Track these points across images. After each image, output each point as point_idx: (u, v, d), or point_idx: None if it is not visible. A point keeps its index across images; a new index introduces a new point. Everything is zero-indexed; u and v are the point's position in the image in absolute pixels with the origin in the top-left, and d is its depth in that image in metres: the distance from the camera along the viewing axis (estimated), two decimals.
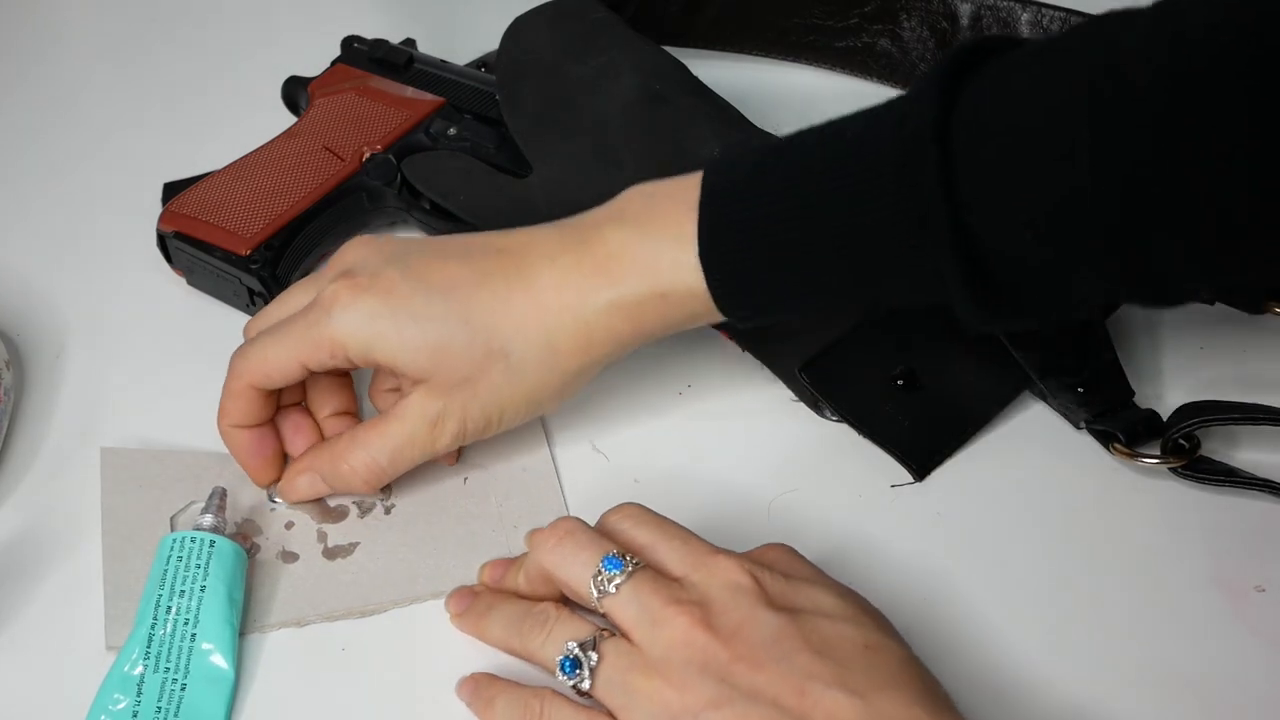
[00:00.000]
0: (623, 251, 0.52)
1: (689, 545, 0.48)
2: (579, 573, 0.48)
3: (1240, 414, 0.56)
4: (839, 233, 0.49)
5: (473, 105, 0.69)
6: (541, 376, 0.54)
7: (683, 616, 0.45)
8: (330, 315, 0.52)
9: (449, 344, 0.52)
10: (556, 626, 0.48)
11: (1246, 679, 0.50)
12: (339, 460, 0.54)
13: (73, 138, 0.75)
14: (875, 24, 0.74)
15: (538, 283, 0.53)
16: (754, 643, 0.45)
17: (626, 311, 0.53)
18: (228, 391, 0.55)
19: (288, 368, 0.54)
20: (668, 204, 0.52)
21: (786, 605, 0.46)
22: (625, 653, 0.46)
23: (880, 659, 0.45)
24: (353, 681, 0.51)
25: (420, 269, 0.53)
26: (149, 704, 0.49)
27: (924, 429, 0.58)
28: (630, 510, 0.50)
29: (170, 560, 0.51)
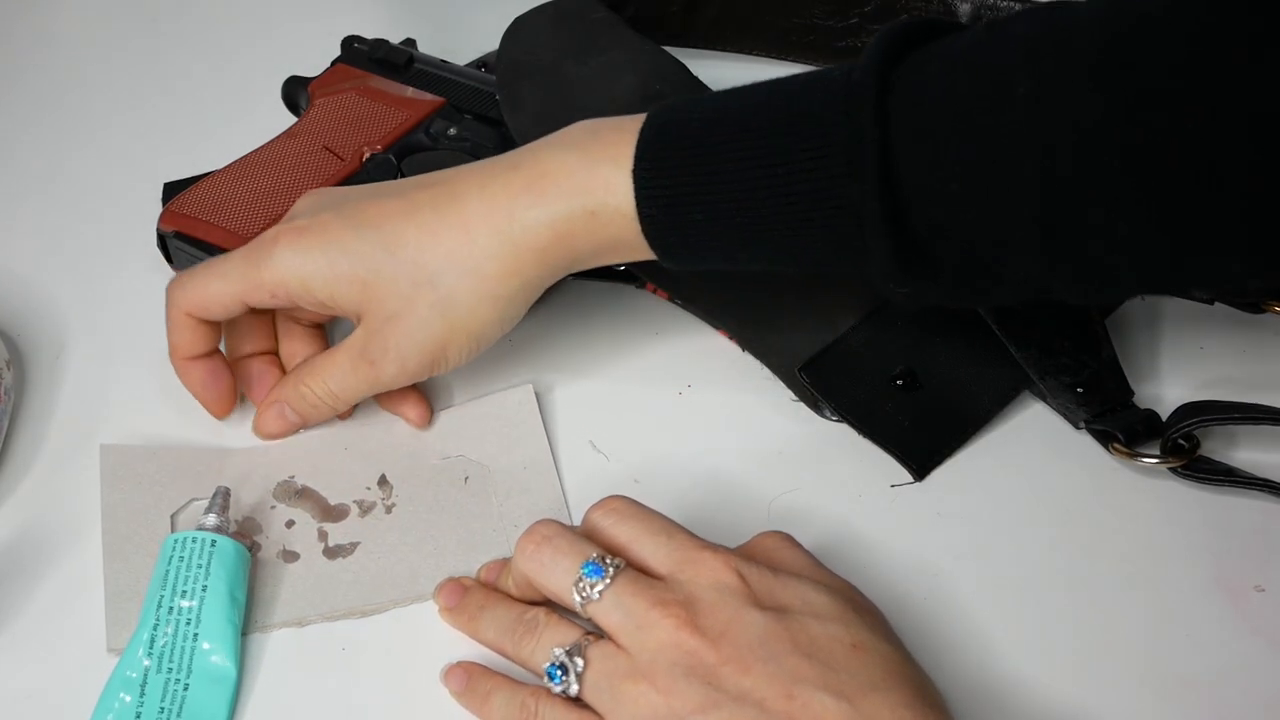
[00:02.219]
0: (556, 170, 0.52)
1: (673, 540, 0.48)
2: (560, 580, 0.47)
3: (1240, 414, 0.56)
4: (771, 168, 0.49)
5: (473, 105, 0.69)
6: (473, 305, 0.54)
7: (668, 619, 0.45)
8: (270, 255, 0.54)
9: (376, 276, 0.53)
10: (545, 632, 0.48)
11: (1246, 679, 0.50)
12: (299, 386, 0.57)
13: (73, 138, 0.75)
14: (875, 24, 0.74)
15: (466, 210, 0.53)
16: (741, 644, 0.44)
17: (554, 229, 0.52)
18: (169, 321, 0.57)
19: (227, 302, 0.55)
20: (610, 132, 0.52)
21: (774, 604, 0.46)
22: (611, 657, 0.46)
23: (869, 660, 0.44)
24: (353, 682, 0.51)
25: (355, 208, 0.54)
26: (152, 704, 0.49)
27: (924, 429, 0.58)
28: (613, 505, 0.50)
29: (172, 560, 0.51)
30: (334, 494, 0.57)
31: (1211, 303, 0.63)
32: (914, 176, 0.48)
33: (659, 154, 0.51)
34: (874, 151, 0.47)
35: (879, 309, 0.61)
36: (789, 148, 0.49)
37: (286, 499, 0.57)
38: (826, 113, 0.49)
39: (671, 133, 0.51)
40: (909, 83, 0.48)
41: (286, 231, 0.54)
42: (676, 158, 0.51)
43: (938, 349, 0.60)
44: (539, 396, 0.60)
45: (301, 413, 0.58)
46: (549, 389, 0.61)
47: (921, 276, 0.50)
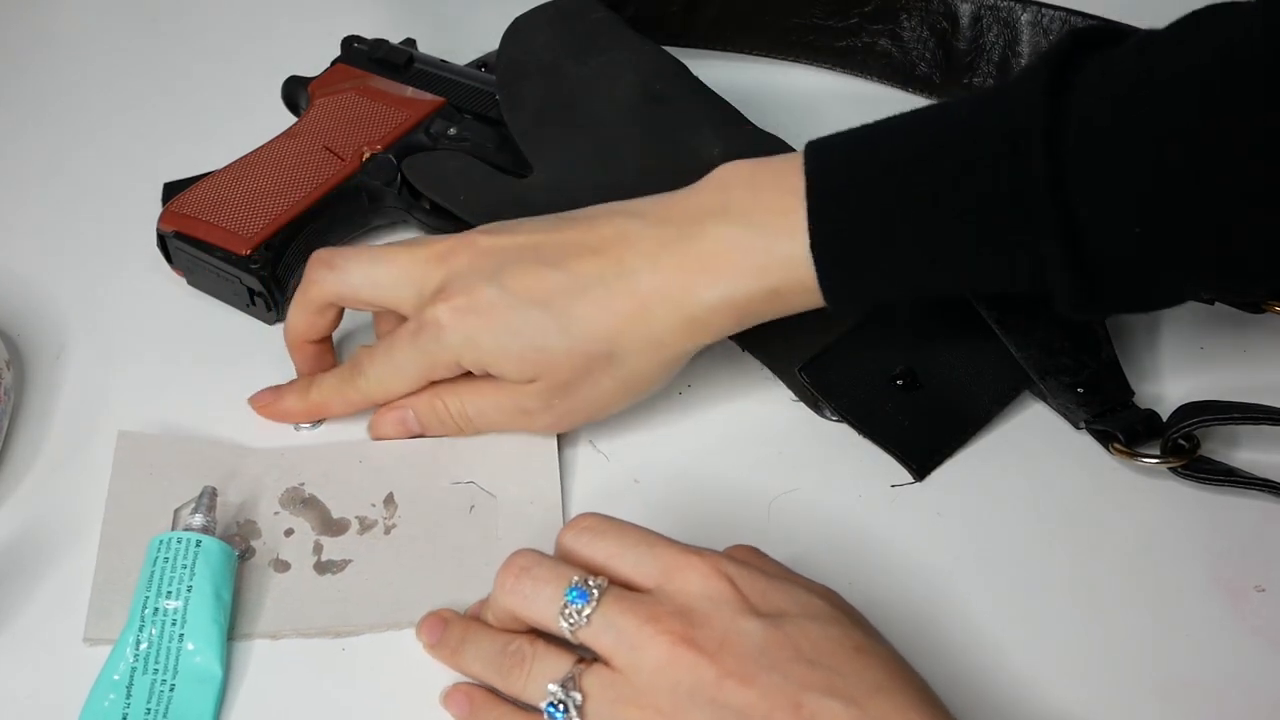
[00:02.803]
0: (730, 249, 0.52)
1: (655, 550, 0.47)
2: (545, 610, 0.46)
3: (1240, 414, 0.56)
4: (946, 224, 0.49)
5: (473, 105, 0.69)
6: (649, 370, 0.55)
7: (663, 635, 0.44)
8: (440, 342, 0.54)
9: (551, 355, 0.53)
10: (534, 665, 0.46)
11: (1246, 679, 0.50)
12: (435, 399, 0.57)
13: (73, 137, 0.75)
14: (875, 24, 0.74)
15: (640, 286, 0.53)
16: (741, 655, 0.43)
17: (735, 308, 0.53)
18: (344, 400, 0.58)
19: (411, 387, 0.57)
20: (772, 194, 0.52)
21: (769, 610, 0.45)
22: (609, 684, 0.45)
23: (871, 661, 0.44)
24: (347, 684, 0.51)
25: (516, 284, 0.53)
26: (139, 705, 0.49)
27: (924, 429, 0.58)
28: (586, 522, 0.48)
29: (157, 561, 0.51)
30: (338, 507, 0.56)
31: (1212, 303, 0.63)
32: (1092, 217, 0.47)
33: (834, 224, 0.50)
34: (1048, 199, 0.47)
35: (879, 308, 0.60)
36: (961, 204, 0.49)
37: (291, 506, 0.56)
38: (996, 159, 0.48)
39: (840, 198, 0.50)
40: (1075, 122, 0.47)
41: (448, 315, 0.54)
42: (852, 227, 0.50)
43: (938, 349, 0.60)
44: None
45: (426, 425, 0.58)
46: None
47: (1104, 305, 0.50)
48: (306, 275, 0.58)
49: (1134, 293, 0.51)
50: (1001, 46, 0.71)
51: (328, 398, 0.58)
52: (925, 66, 0.73)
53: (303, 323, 0.58)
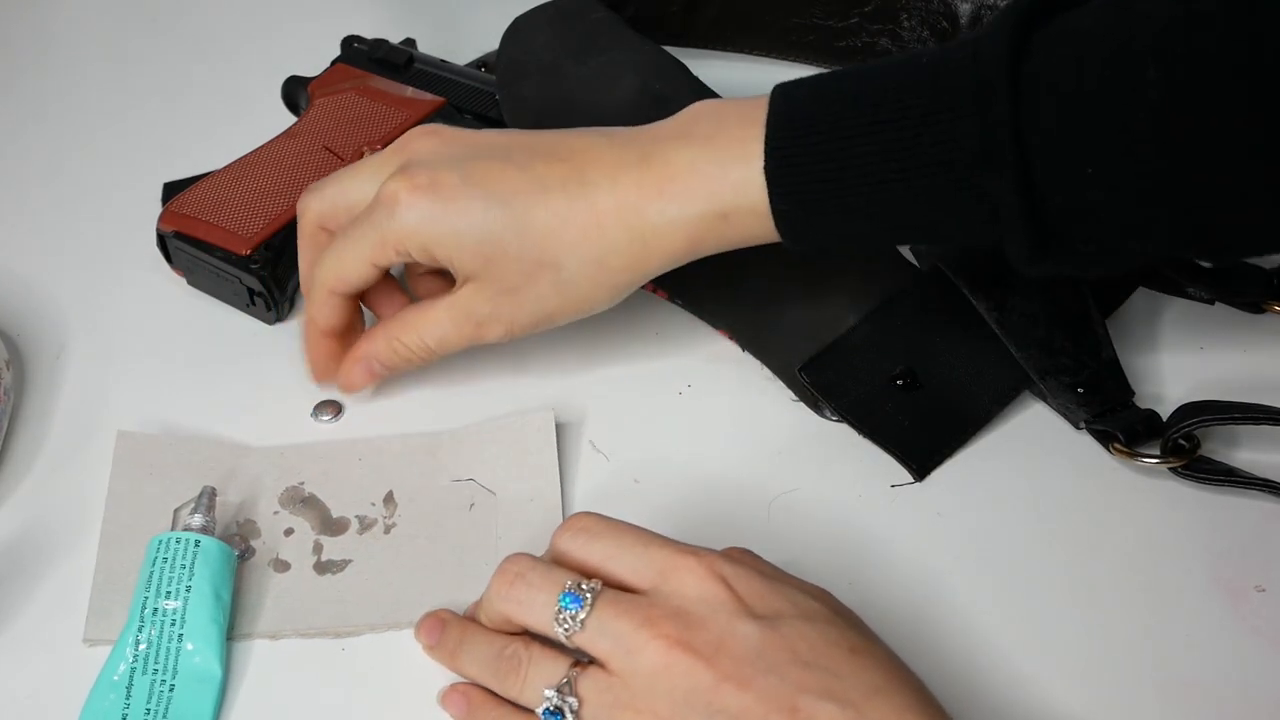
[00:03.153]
0: (688, 170, 0.52)
1: (650, 551, 0.47)
2: (540, 615, 0.46)
3: (1240, 414, 0.56)
4: (904, 158, 0.49)
5: (473, 105, 0.69)
6: (591, 290, 0.55)
7: (658, 639, 0.44)
8: (392, 216, 0.54)
9: (502, 251, 0.54)
10: (530, 670, 0.46)
11: (1246, 679, 0.50)
12: (391, 339, 0.57)
13: (73, 137, 0.75)
14: (875, 24, 0.74)
15: (597, 200, 0.53)
16: (737, 658, 0.43)
17: (685, 230, 0.53)
18: (313, 300, 0.58)
19: (362, 270, 0.56)
20: (736, 123, 0.52)
21: (765, 612, 0.44)
22: (606, 689, 0.45)
23: (867, 662, 0.44)
24: (346, 684, 0.51)
25: (480, 173, 0.54)
26: (138, 705, 0.49)
27: (924, 429, 0.58)
28: (580, 523, 0.48)
29: (156, 562, 0.51)
30: (338, 506, 0.56)
31: (1212, 303, 0.63)
32: (1050, 171, 0.48)
33: (789, 149, 0.51)
34: (1010, 148, 0.47)
35: (879, 309, 0.61)
36: (921, 141, 0.49)
37: (291, 505, 0.56)
38: (959, 103, 0.48)
39: (799, 125, 0.51)
40: (1039, 75, 0.47)
41: (405, 189, 0.54)
42: (808, 153, 0.51)
43: (938, 349, 0.60)
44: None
45: (391, 366, 0.58)
46: (549, 389, 0.61)
47: (1055, 260, 0.50)
48: (297, 211, 0.59)
49: (1086, 251, 0.50)
50: None
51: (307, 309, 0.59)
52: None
53: (308, 262, 0.59)
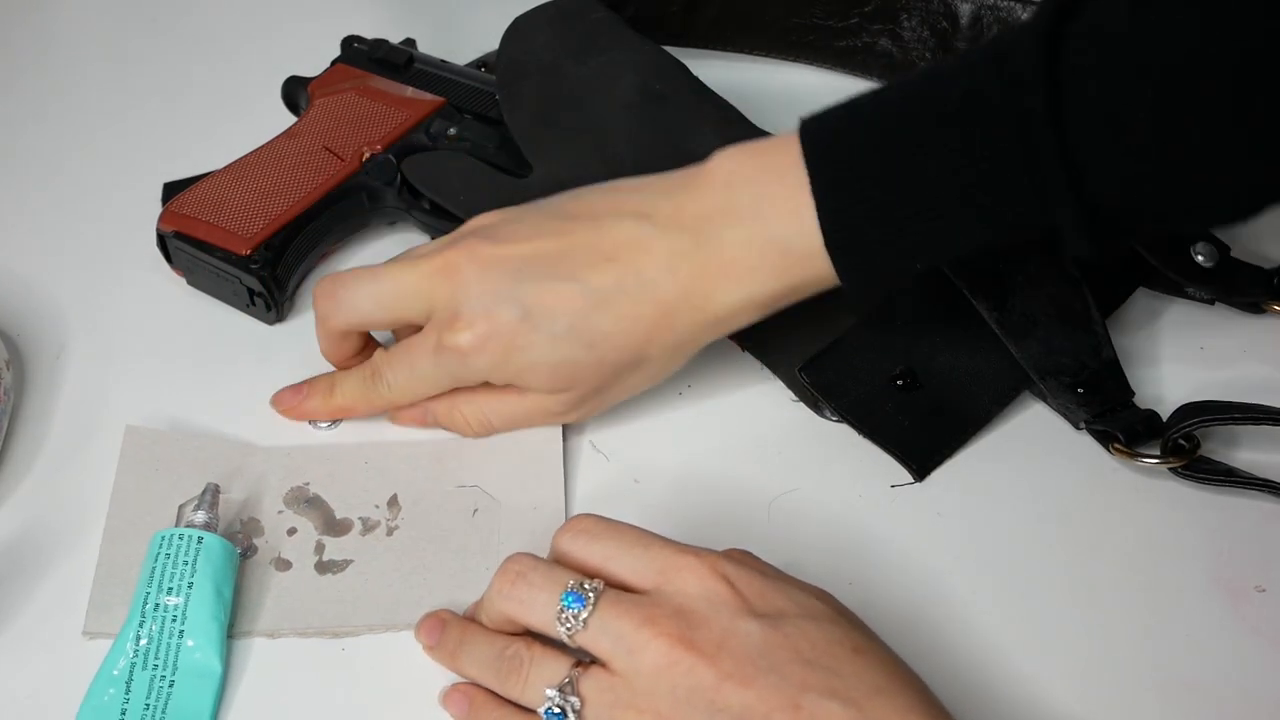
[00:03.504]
0: (746, 253, 0.52)
1: (651, 551, 0.47)
2: (542, 614, 0.46)
3: (1240, 414, 0.56)
4: (961, 202, 0.49)
5: (473, 105, 0.69)
6: (670, 366, 0.56)
7: (660, 638, 0.44)
8: (465, 366, 0.54)
9: (578, 371, 0.54)
10: (531, 670, 0.46)
11: (1247, 679, 0.50)
12: (454, 409, 0.57)
13: (73, 137, 0.75)
14: (875, 24, 0.74)
15: (661, 295, 0.53)
16: (740, 656, 0.43)
17: (755, 307, 0.53)
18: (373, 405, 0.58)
19: (427, 395, 0.57)
20: (777, 187, 0.51)
21: (767, 611, 0.44)
22: (608, 688, 0.44)
23: (870, 662, 0.44)
24: (346, 682, 0.51)
25: (535, 303, 0.53)
26: (138, 700, 0.49)
27: (924, 429, 0.58)
28: (582, 524, 0.48)
29: (159, 558, 0.51)
30: (342, 507, 0.56)
31: (1212, 303, 0.63)
32: (1099, 172, 0.48)
33: (843, 214, 0.50)
34: (1059, 167, 0.47)
35: (879, 309, 0.60)
36: (969, 179, 0.48)
37: (295, 505, 0.56)
38: (1001, 135, 0.48)
39: (846, 189, 0.50)
40: (1078, 81, 0.47)
41: (468, 342, 0.53)
42: (861, 213, 0.50)
43: (938, 349, 0.60)
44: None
45: (446, 425, 0.58)
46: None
47: (1113, 244, 0.51)
48: (316, 310, 0.58)
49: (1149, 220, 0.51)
50: None
51: (352, 401, 0.58)
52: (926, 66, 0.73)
53: (331, 351, 0.59)
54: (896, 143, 0.50)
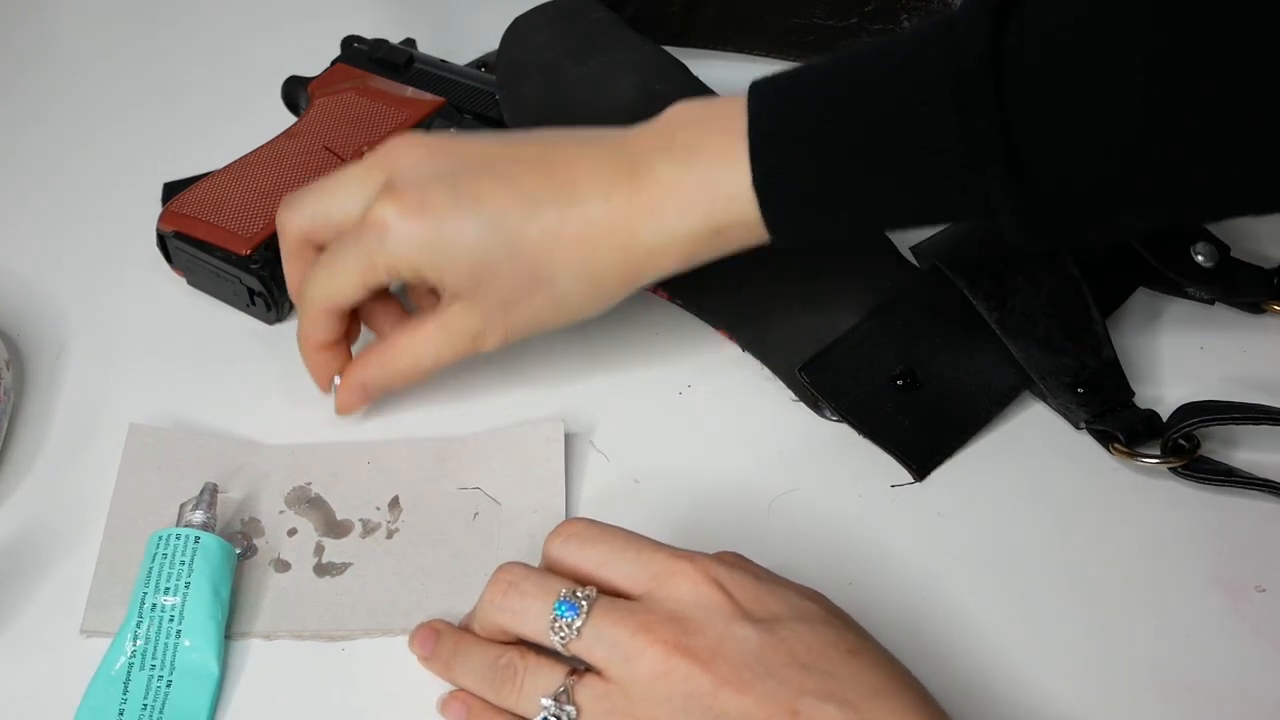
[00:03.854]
0: (676, 188, 0.52)
1: (643, 555, 0.46)
2: (535, 624, 0.46)
3: (1240, 414, 0.56)
4: (889, 153, 0.49)
5: (473, 105, 0.69)
6: (583, 302, 0.55)
7: (656, 645, 0.43)
8: (383, 242, 0.53)
9: (494, 270, 0.53)
10: (526, 680, 0.46)
11: (1247, 679, 0.50)
12: (386, 365, 0.57)
13: (73, 137, 0.75)
14: (875, 24, 0.74)
15: (589, 216, 0.53)
16: (736, 662, 0.43)
17: (677, 247, 0.53)
18: (306, 318, 0.57)
19: (353, 291, 0.55)
20: (718, 134, 0.51)
21: (762, 614, 0.44)
22: (603, 695, 0.44)
23: (866, 663, 0.44)
24: (344, 684, 0.51)
25: (469, 191, 0.53)
26: (135, 700, 0.49)
27: (924, 429, 0.58)
28: (573, 529, 0.48)
29: (156, 558, 0.51)
30: (343, 508, 0.56)
31: (1212, 303, 0.63)
32: (1040, 160, 0.47)
33: (773, 160, 0.50)
34: (995, 138, 0.47)
35: (879, 308, 0.61)
36: (905, 134, 0.48)
37: (296, 505, 0.56)
38: (939, 91, 0.48)
39: (781, 133, 0.50)
40: (1022, 64, 0.47)
41: (394, 213, 0.53)
42: (792, 165, 0.50)
43: (938, 349, 0.60)
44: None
45: (385, 388, 0.58)
46: (548, 389, 0.61)
47: (1051, 236, 0.50)
48: (278, 225, 0.58)
49: (1090, 215, 0.50)
50: None
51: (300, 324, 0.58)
52: None
53: (289, 270, 0.58)
54: (836, 100, 0.50)
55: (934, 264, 0.61)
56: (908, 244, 0.63)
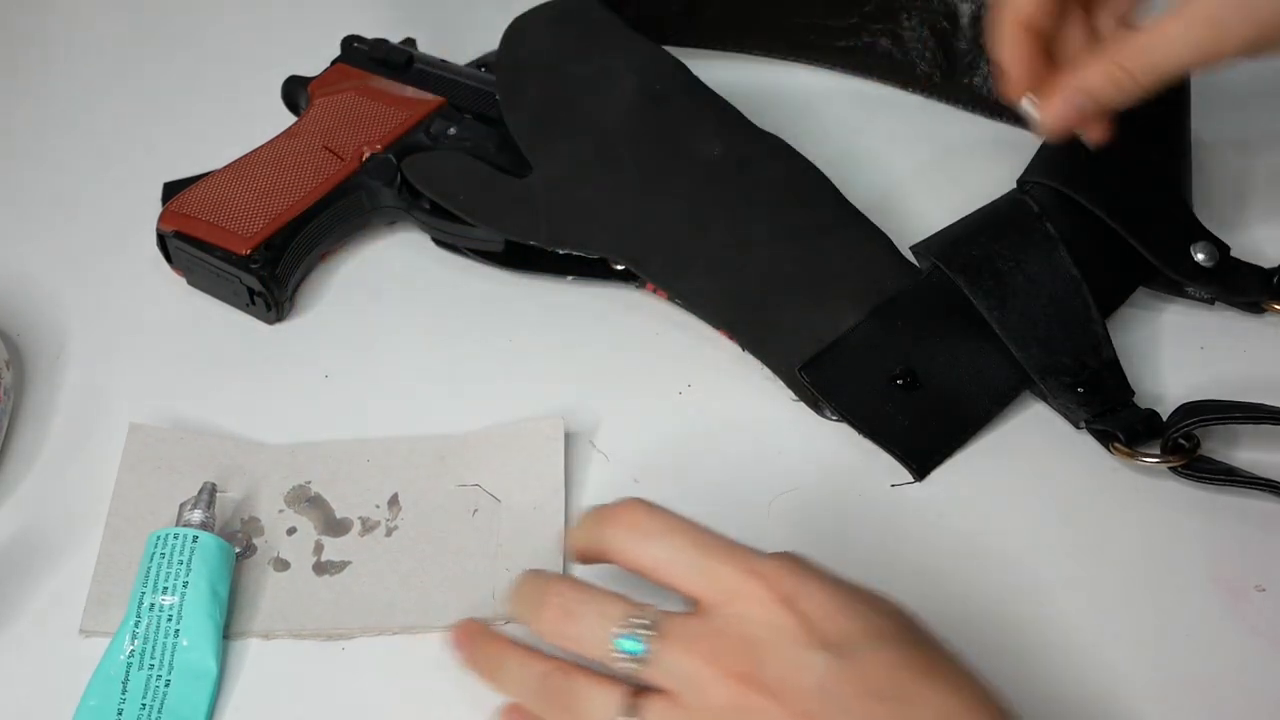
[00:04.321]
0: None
1: (705, 561, 0.45)
2: (596, 651, 0.44)
3: (1240, 414, 0.56)
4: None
5: (473, 105, 0.69)
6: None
7: (727, 678, 0.42)
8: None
9: None
10: (582, 703, 0.44)
11: (1247, 679, 0.50)
12: (1113, 66, 0.52)
13: (73, 137, 0.75)
14: (875, 24, 0.74)
15: None
16: (807, 694, 0.42)
17: None
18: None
19: None
20: None
21: (833, 638, 0.43)
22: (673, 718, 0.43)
23: (940, 686, 0.42)
24: (343, 682, 0.51)
25: None
26: (134, 700, 0.49)
27: (924, 429, 0.58)
28: (634, 518, 0.47)
29: (154, 557, 0.51)
30: (343, 507, 0.56)
31: (1212, 303, 0.63)
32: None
33: None
34: None
35: (879, 309, 0.61)
36: None
37: (295, 504, 0.56)
38: None
39: None
40: None
41: None
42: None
43: (938, 349, 0.60)
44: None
45: (1104, 100, 0.53)
46: (548, 388, 0.61)
47: None
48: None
49: None
50: None
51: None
52: (925, 66, 0.73)
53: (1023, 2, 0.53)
54: None
55: (934, 264, 0.61)
56: (908, 244, 0.63)
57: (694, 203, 0.63)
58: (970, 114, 0.73)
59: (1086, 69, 0.53)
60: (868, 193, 0.65)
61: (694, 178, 0.63)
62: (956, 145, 0.69)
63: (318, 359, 0.63)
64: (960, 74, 0.73)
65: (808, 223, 0.63)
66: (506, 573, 0.54)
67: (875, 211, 0.63)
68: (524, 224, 0.63)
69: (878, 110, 0.73)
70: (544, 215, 0.63)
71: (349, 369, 0.63)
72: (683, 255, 0.62)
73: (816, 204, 0.63)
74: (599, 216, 0.63)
